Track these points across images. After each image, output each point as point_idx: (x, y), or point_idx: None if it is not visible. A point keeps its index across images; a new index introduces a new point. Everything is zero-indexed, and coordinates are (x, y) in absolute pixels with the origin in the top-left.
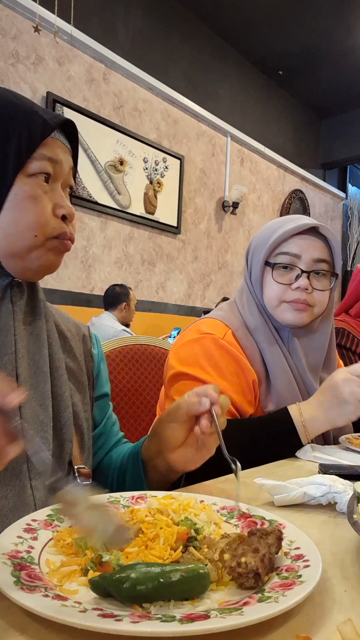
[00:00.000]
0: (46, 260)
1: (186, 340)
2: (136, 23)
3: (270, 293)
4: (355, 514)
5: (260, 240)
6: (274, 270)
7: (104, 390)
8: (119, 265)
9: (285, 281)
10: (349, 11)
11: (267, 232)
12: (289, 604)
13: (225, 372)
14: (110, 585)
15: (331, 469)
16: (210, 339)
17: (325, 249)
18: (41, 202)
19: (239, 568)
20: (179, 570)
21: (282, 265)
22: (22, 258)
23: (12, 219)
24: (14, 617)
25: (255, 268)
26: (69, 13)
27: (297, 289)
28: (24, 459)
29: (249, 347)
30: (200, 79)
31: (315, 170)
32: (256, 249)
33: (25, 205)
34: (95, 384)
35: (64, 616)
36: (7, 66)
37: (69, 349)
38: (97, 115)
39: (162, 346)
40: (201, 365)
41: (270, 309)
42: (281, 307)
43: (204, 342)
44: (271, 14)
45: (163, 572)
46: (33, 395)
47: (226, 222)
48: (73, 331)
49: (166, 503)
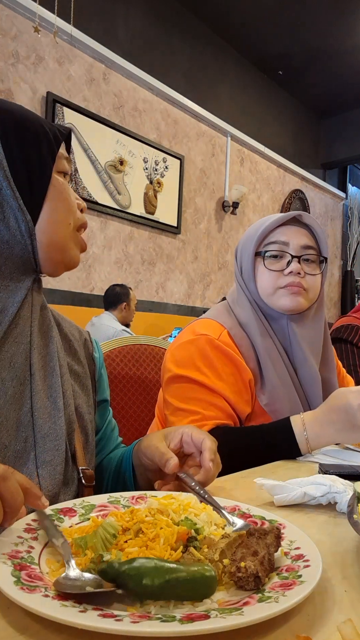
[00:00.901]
0: (75, 255)
1: (182, 342)
2: (136, 23)
3: (264, 282)
4: (355, 514)
5: (247, 236)
6: (265, 259)
7: (104, 395)
8: (119, 265)
9: (277, 268)
10: (349, 11)
11: (252, 229)
12: (289, 604)
13: (221, 372)
14: (118, 575)
15: (331, 469)
16: (205, 340)
17: (310, 236)
18: (71, 194)
19: (238, 572)
20: (187, 571)
21: (273, 254)
22: (61, 250)
23: (54, 208)
24: (14, 617)
25: (245, 262)
26: (69, 13)
27: (290, 274)
28: (32, 446)
29: (244, 346)
30: (200, 79)
31: (315, 170)
32: (245, 245)
33: (62, 196)
34: (97, 388)
35: (64, 616)
36: (7, 66)
37: (73, 351)
38: (97, 115)
39: (162, 346)
40: (197, 366)
41: (265, 298)
42: (277, 293)
43: (199, 343)
44: (271, 14)
45: (171, 570)
46: (42, 386)
47: (226, 222)
48: (76, 335)
49: (166, 503)
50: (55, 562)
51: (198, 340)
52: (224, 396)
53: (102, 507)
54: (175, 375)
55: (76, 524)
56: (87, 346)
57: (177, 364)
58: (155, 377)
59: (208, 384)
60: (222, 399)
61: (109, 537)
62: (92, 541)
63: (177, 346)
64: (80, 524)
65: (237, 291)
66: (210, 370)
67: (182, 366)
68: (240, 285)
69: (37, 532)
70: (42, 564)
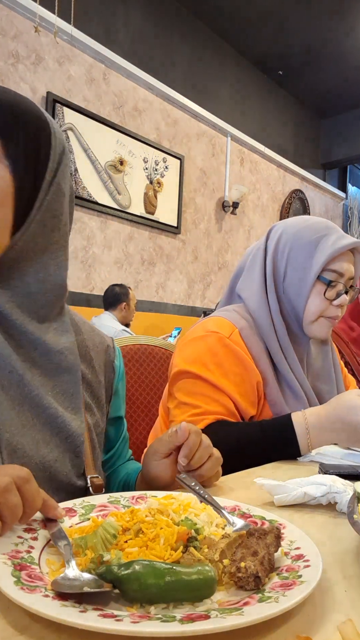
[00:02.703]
0: None
1: (191, 338)
2: (136, 23)
3: (313, 307)
4: (356, 514)
5: (301, 246)
6: (327, 289)
7: (119, 412)
8: (119, 265)
9: (330, 297)
10: (349, 11)
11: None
12: (289, 604)
13: (228, 371)
14: (116, 581)
15: (331, 469)
16: (215, 338)
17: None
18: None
19: (238, 573)
20: (186, 575)
21: (330, 282)
22: None
23: None
24: (14, 617)
25: (294, 276)
26: (69, 13)
27: (339, 306)
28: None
29: (255, 347)
30: (200, 79)
31: (315, 170)
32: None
33: None
34: (112, 398)
35: (64, 616)
36: (7, 66)
37: (88, 359)
38: (97, 115)
39: (162, 346)
40: (204, 363)
41: (305, 322)
42: (318, 321)
43: (209, 340)
44: (271, 14)
45: (170, 574)
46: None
47: (226, 222)
48: (96, 341)
49: (166, 503)
50: (55, 562)
51: (208, 338)
52: (229, 395)
53: (102, 507)
54: (182, 371)
55: (76, 524)
56: (109, 353)
57: (185, 359)
58: (155, 377)
59: (213, 380)
60: (226, 396)
61: (109, 537)
62: (92, 541)
63: (186, 342)
64: (80, 524)
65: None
66: (217, 368)
67: (189, 362)
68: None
69: (37, 532)
70: (42, 564)
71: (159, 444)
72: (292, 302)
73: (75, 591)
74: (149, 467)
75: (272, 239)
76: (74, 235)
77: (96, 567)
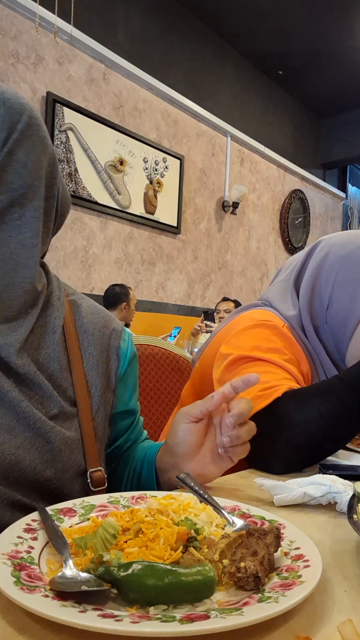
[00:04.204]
0: None
1: (241, 328)
2: (136, 23)
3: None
4: (356, 514)
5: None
6: None
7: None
8: (119, 265)
9: None
10: (349, 11)
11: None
12: (289, 604)
13: (287, 356)
14: (115, 583)
15: (331, 469)
16: (269, 325)
17: None
18: None
19: (238, 573)
20: (185, 576)
21: None
22: None
23: None
24: (14, 617)
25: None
26: (69, 13)
27: None
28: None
29: (302, 344)
30: (200, 79)
31: (315, 170)
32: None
33: None
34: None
35: (64, 616)
36: (7, 66)
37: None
38: (97, 115)
39: (162, 346)
40: (263, 349)
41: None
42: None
43: (263, 328)
44: (271, 14)
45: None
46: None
47: (226, 222)
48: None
49: (166, 503)
50: (55, 562)
51: (261, 325)
52: (293, 374)
53: (102, 507)
54: (240, 357)
55: (76, 524)
56: (114, 337)
57: (238, 347)
58: (155, 377)
59: (276, 361)
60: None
61: (109, 537)
62: (92, 541)
63: (234, 334)
64: (80, 524)
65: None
66: (276, 353)
67: (243, 348)
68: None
69: (37, 532)
70: (42, 564)
71: (192, 407)
72: (335, 335)
73: (74, 590)
74: (176, 429)
75: (315, 258)
76: (73, 235)
77: (96, 567)
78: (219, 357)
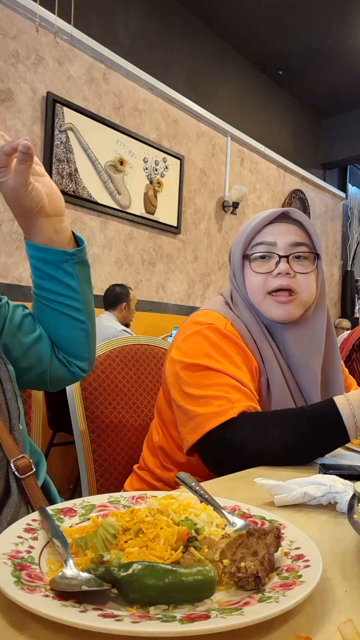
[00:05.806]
0: None
1: (187, 335)
2: (136, 23)
3: (252, 286)
4: (356, 513)
5: (237, 238)
6: (251, 262)
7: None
8: (119, 265)
9: (264, 270)
10: (349, 11)
11: (241, 230)
12: (290, 604)
13: (233, 359)
14: (116, 583)
15: (331, 469)
16: (213, 329)
17: (302, 232)
18: None
19: (239, 573)
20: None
21: (260, 255)
22: None
23: None
24: (14, 617)
25: (236, 265)
26: (69, 13)
27: (279, 275)
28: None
29: (247, 338)
30: (200, 79)
31: (315, 170)
32: (235, 247)
33: None
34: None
35: (64, 616)
36: (7, 66)
37: None
38: (97, 115)
39: (162, 346)
40: (209, 354)
41: (256, 304)
42: (266, 301)
43: (207, 332)
44: (271, 14)
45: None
46: None
47: (226, 222)
48: None
49: (166, 503)
50: (55, 562)
51: (205, 330)
52: (241, 381)
53: (102, 507)
54: (187, 365)
55: (76, 524)
56: None
57: (187, 355)
58: (155, 377)
59: (224, 369)
60: (240, 384)
61: (109, 537)
62: (92, 541)
63: (182, 340)
64: (80, 524)
65: (233, 294)
66: (222, 357)
67: (193, 356)
68: (235, 286)
69: (37, 532)
70: (42, 564)
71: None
72: (241, 290)
73: (74, 590)
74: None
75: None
76: None
77: (96, 567)
78: (171, 362)
